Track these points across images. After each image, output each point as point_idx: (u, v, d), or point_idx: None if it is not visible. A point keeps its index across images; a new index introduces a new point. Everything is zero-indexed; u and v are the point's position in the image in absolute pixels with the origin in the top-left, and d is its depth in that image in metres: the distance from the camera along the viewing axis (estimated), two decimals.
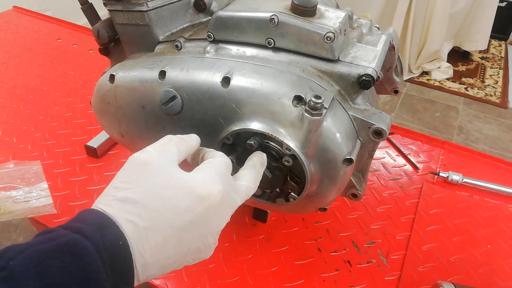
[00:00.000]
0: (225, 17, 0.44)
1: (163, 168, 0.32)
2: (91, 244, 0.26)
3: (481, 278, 0.59)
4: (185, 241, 0.31)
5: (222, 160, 0.36)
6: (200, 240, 0.33)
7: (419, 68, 2.60)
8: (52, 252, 0.25)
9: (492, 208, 0.70)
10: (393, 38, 0.49)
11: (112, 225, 0.28)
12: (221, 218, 0.34)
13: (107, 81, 0.50)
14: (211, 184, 0.33)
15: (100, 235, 0.27)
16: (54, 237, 0.26)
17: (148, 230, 0.29)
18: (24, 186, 0.69)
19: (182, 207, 0.31)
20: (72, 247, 0.25)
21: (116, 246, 0.27)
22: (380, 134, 0.42)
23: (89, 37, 1.20)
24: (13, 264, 0.23)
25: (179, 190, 0.31)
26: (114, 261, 0.26)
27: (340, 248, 0.62)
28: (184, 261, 0.33)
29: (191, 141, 0.38)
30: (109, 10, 0.49)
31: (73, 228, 0.27)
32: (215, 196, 0.32)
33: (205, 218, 0.32)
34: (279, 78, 0.42)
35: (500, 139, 2.10)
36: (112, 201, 0.30)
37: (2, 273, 0.23)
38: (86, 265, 0.25)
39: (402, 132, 0.87)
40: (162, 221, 0.30)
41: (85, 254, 0.25)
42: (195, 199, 0.31)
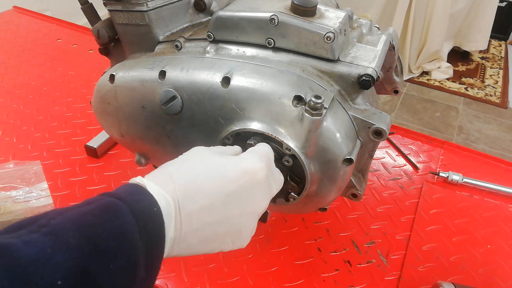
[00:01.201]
0: (225, 17, 0.44)
1: (219, 151, 0.37)
2: (126, 207, 0.27)
3: (481, 278, 0.59)
4: (231, 213, 0.33)
5: (265, 148, 0.39)
6: (243, 219, 0.35)
7: (419, 68, 2.60)
8: (90, 211, 0.26)
9: (492, 208, 0.70)
10: (393, 38, 0.49)
11: (146, 193, 0.29)
12: (261, 198, 0.36)
13: (107, 81, 0.50)
14: (255, 161, 0.36)
15: (134, 200, 0.28)
16: (92, 201, 0.28)
17: (197, 191, 0.31)
18: (24, 186, 0.69)
19: (228, 176, 0.33)
20: (109, 208, 0.27)
21: (151, 211, 0.28)
22: (380, 134, 0.42)
23: (89, 37, 1.20)
24: (54, 222, 0.25)
25: (227, 163, 0.34)
26: (147, 225, 0.27)
27: (340, 248, 0.62)
28: (224, 240, 0.34)
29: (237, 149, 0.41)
30: (109, 10, 0.49)
31: (109, 194, 0.29)
32: (258, 171, 0.35)
33: (249, 191, 0.34)
34: (279, 78, 0.42)
35: (500, 139, 2.10)
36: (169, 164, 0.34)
37: (44, 229, 0.24)
38: (122, 224, 0.26)
39: (402, 132, 0.87)
40: (211, 184, 0.32)
41: (121, 215, 0.27)
42: (240, 171, 0.34)
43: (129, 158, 0.78)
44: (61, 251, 0.23)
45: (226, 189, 0.33)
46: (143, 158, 0.57)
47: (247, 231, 0.36)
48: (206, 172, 0.33)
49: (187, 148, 0.49)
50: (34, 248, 0.23)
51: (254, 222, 0.36)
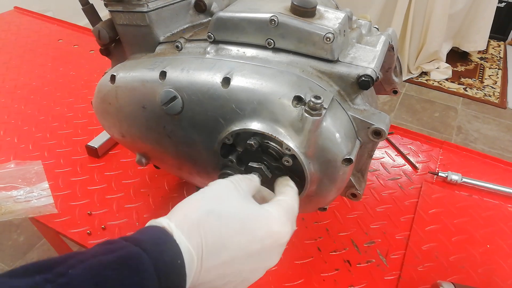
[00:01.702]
0: (225, 18, 0.45)
1: (243, 196, 0.35)
2: (149, 259, 0.26)
3: (481, 278, 0.59)
4: (245, 268, 0.33)
5: (293, 201, 0.38)
6: (254, 273, 0.35)
7: (418, 69, 2.61)
8: (111, 264, 0.25)
9: (491, 208, 0.70)
10: (392, 39, 0.49)
11: (172, 242, 0.28)
12: (278, 256, 0.36)
13: (108, 81, 0.50)
14: (284, 224, 0.35)
15: (159, 251, 0.27)
16: (114, 249, 0.26)
17: (222, 247, 0.31)
18: (25, 186, 0.69)
19: (256, 235, 0.33)
20: (131, 260, 0.26)
21: (174, 264, 0.27)
22: (379, 134, 0.43)
23: (90, 38, 1.21)
24: (72, 272, 0.24)
25: (257, 220, 0.33)
26: (168, 279, 0.27)
27: (339, 248, 0.63)
28: (230, 286, 0.34)
29: (255, 181, 0.40)
30: (110, 11, 0.49)
31: (133, 240, 0.27)
32: (285, 236, 0.35)
33: (269, 252, 0.34)
34: (279, 78, 0.42)
35: (499, 139, 2.10)
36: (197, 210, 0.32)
37: (61, 279, 0.23)
38: (143, 280, 0.25)
39: (401, 132, 0.87)
40: (236, 242, 0.32)
41: (142, 270, 0.25)
42: (269, 232, 0.33)
43: (130, 158, 0.78)
44: None
45: (251, 248, 0.32)
46: (143, 158, 0.57)
47: (252, 281, 0.36)
48: (234, 226, 0.32)
49: (188, 148, 0.49)
50: None
51: (262, 274, 0.36)
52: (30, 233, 1.46)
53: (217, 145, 0.46)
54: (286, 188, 0.40)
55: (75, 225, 0.65)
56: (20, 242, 1.44)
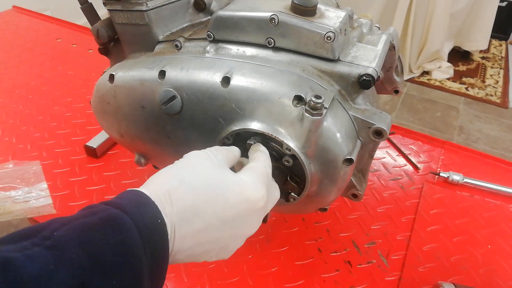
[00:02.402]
0: (225, 17, 0.44)
1: (218, 165, 0.35)
2: (130, 220, 0.27)
3: (482, 279, 0.59)
4: (222, 235, 0.33)
5: (265, 167, 0.38)
6: (233, 240, 0.35)
7: (420, 68, 2.60)
8: (94, 225, 0.26)
9: (492, 208, 0.70)
10: (394, 38, 0.49)
11: (151, 204, 0.29)
12: (256, 223, 0.37)
13: (107, 81, 0.50)
14: (258, 189, 0.35)
15: (139, 212, 0.28)
16: (96, 212, 0.27)
17: (195, 214, 0.31)
18: (24, 186, 0.69)
19: (230, 202, 0.33)
20: (113, 221, 0.26)
21: (155, 224, 0.28)
22: (380, 134, 0.42)
23: (89, 37, 1.20)
24: (57, 234, 0.25)
25: (231, 187, 0.34)
26: (151, 238, 0.27)
27: (340, 249, 0.62)
28: (209, 255, 0.34)
29: (235, 152, 0.41)
30: (109, 9, 0.49)
31: (114, 204, 0.28)
32: (259, 201, 0.35)
33: (245, 218, 0.34)
34: (279, 78, 0.41)
35: (500, 139, 2.10)
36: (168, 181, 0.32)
37: (47, 242, 0.24)
38: (126, 239, 0.26)
39: (403, 132, 0.87)
40: (210, 209, 0.32)
41: (125, 229, 0.26)
42: (243, 198, 0.34)
43: (128, 158, 0.78)
44: (64, 267, 0.23)
45: (224, 215, 0.33)
46: (142, 158, 0.57)
47: (233, 249, 0.36)
48: (206, 195, 0.32)
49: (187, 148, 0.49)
50: (37, 264, 0.23)
51: (242, 241, 0.37)
52: None
53: (217, 145, 0.45)
54: (257, 153, 0.40)
55: None
56: None
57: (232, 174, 0.35)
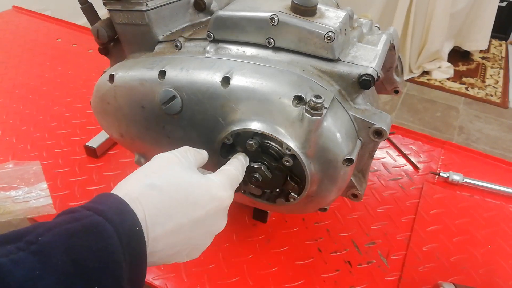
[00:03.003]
0: (225, 17, 0.44)
1: (186, 167, 0.36)
2: (111, 227, 0.28)
3: (482, 279, 0.59)
4: (193, 235, 0.34)
5: (236, 170, 0.40)
6: (202, 238, 0.36)
7: (420, 68, 2.60)
8: (77, 231, 0.27)
9: (492, 208, 0.70)
10: (394, 38, 0.49)
11: (130, 212, 0.30)
12: (224, 220, 0.38)
13: (107, 81, 0.50)
14: (225, 189, 0.37)
15: (119, 219, 0.29)
16: (79, 218, 0.28)
17: (166, 217, 0.32)
18: (24, 186, 0.69)
19: (199, 202, 0.34)
20: (95, 229, 0.27)
21: (133, 231, 0.29)
22: (380, 134, 0.42)
23: (89, 37, 1.20)
24: (42, 240, 0.25)
25: (199, 188, 0.35)
26: (130, 245, 0.28)
27: (340, 249, 0.62)
28: (180, 256, 0.35)
29: (204, 155, 0.42)
30: (109, 9, 0.49)
31: (96, 210, 0.29)
32: (226, 200, 0.36)
33: (214, 217, 0.36)
34: (279, 78, 0.41)
35: (500, 139, 2.10)
36: (137, 186, 0.33)
37: (32, 247, 0.25)
38: (108, 245, 0.27)
39: (403, 132, 0.87)
40: (180, 211, 0.33)
41: (107, 236, 0.27)
42: (211, 198, 0.35)
43: (128, 158, 0.78)
44: (49, 273, 0.24)
45: (194, 215, 0.34)
46: (142, 158, 0.57)
47: (203, 248, 0.37)
48: (176, 197, 0.33)
49: None
50: (23, 269, 0.23)
51: (211, 239, 0.38)
52: None
53: (217, 145, 0.45)
54: (233, 159, 0.42)
55: None
56: None
57: (200, 175, 0.36)
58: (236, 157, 0.43)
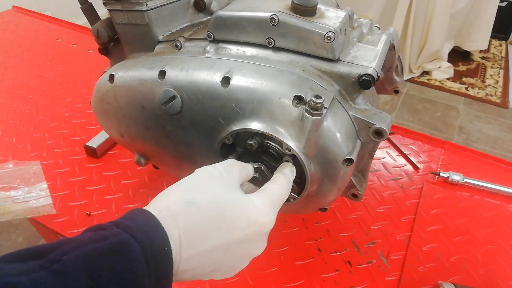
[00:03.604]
0: (225, 17, 0.44)
1: (228, 185, 0.35)
2: (139, 248, 0.27)
3: (482, 279, 0.59)
4: (228, 257, 0.33)
5: (281, 189, 0.38)
6: (239, 261, 0.35)
7: (420, 68, 2.60)
8: (103, 251, 0.26)
9: (492, 208, 0.70)
10: (394, 38, 0.49)
11: (160, 231, 0.29)
12: (263, 244, 0.36)
13: (107, 81, 0.50)
14: (267, 213, 0.34)
15: (148, 239, 0.28)
16: (107, 236, 0.27)
17: (202, 237, 0.31)
18: (24, 186, 0.69)
19: (237, 225, 0.32)
20: (122, 248, 0.26)
21: (162, 252, 0.28)
22: (380, 134, 0.42)
23: (89, 37, 1.20)
24: (66, 259, 0.25)
25: (238, 210, 0.33)
26: (157, 267, 0.28)
27: (340, 249, 0.62)
28: (214, 274, 0.34)
29: (250, 171, 0.40)
30: (109, 9, 0.49)
31: (125, 227, 0.28)
32: (267, 225, 0.34)
33: (252, 241, 0.34)
34: (279, 78, 0.41)
35: (500, 139, 2.10)
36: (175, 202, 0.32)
37: (55, 266, 0.24)
38: (133, 268, 0.26)
39: (403, 132, 0.87)
40: (216, 232, 0.32)
41: (134, 257, 0.26)
42: (251, 222, 0.33)
43: (128, 158, 0.78)
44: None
45: (231, 238, 0.32)
46: (142, 158, 0.57)
47: (238, 269, 0.36)
48: (214, 217, 0.32)
49: (187, 148, 0.49)
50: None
51: (248, 262, 0.36)
52: (29, 233, 1.46)
53: (217, 145, 0.45)
54: (277, 174, 0.40)
55: (74, 225, 0.64)
56: (19, 243, 1.44)
57: (242, 196, 0.34)
58: (281, 171, 0.40)
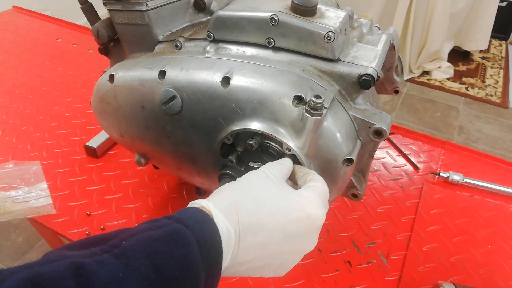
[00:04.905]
0: (225, 17, 0.44)
1: (277, 183, 0.36)
2: (192, 235, 0.28)
3: (482, 279, 0.59)
4: (283, 250, 0.34)
5: (324, 187, 0.39)
6: (292, 255, 0.35)
7: (420, 68, 2.60)
8: (159, 237, 0.27)
9: (492, 208, 0.70)
10: (394, 38, 0.49)
11: (210, 221, 0.30)
12: (315, 239, 0.37)
13: (107, 81, 0.50)
14: (318, 207, 0.35)
15: (200, 229, 0.29)
16: (161, 225, 0.28)
17: (259, 226, 0.32)
18: (24, 186, 0.69)
19: (292, 216, 0.33)
20: (177, 235, 0.28)
21: (213, 241, 0.29)
22: (380, 134, 0.42)
23: (89, 37, 1.20)
24: (126, 244, 0.26)
25: (292, 203, 0.34)
26: (209, 254, 0.29)
27: (340, 249, 0.62)
28: (267, 270, 0.35)
29: (288, 164, 0.40)
30: (109, 9, 0.49)
31: (176, 219, 0.29)
32: (319, 219, 0.35)
33: (305, 235, 0.35)
34: (279, 78, 0.41)
35: (500, 139, 2.10)
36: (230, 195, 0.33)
37: (116, 250, 0.26)
38: (188, 253, 0.27)
39: (403, 132, 0.87)
40: (272, 221, 0.33)
41: (187, 243, 0.28)
42: (304, 215, 0.34)
43: (128, 158, 0.78)
44: (132, 277, 0.24)
45: (287, 229, 0.33)
46: (142, 158, 0.57)
47: (291, 265, 0.37)
48: (270, 208, 0.33)
49: (187, 148, 0.49)
50: (107, 271, 0.24)
51: (300, 258, 0.37)
52: (29, 233, 1.46)
53: (217, 145, 0.45)
54: (314, 175, 0.40)
55: (74, 225, 0.64)
56: (19, 243, 1.44)
57: (293, 190, 0.36)
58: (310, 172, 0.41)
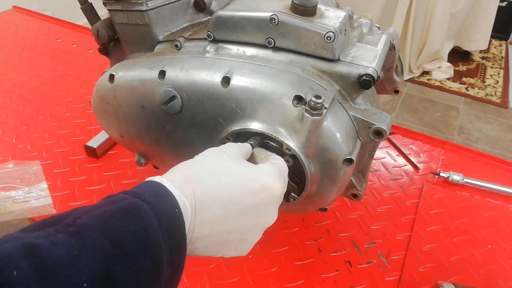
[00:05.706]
0: (225, 17, 0.44)
1: (234, 158, 0.36)
2: (149, 208, 0.27)
3: (482, 279, 0.59)
4: (241, 224, 0.34)
5: (284, 164, 0.39)
6: (251, 231, 0.35)
7: (420, 68, 2.60)
8: (114, 213, 0.27)
9: (492, 208, 0.70)
10: (394, 38, 0.49)
11: (168, 194, 0.30)
12: (273, 213, 0.37)
13: (107, 81, 0.50)
14: (276, 178, 0.35)
15: (157, 202, 0.28)
16: (116, 201, 0.28)
17: (215, 199, 0.32)
18: (24, 186, 0.69)
19: (248, 188, 0.33)
20: (133, 210, 0.27)
21: (172, 213, 0.29)
22: (380, 134, 0.42)
23: (89, 37, 1.20)
24: (80, 221, 0.26)
25: (248, 174, 0.34)
26: (169, 226, 0.28)
27: (340, 249, 0.62)
28: (228, 247, 0.35)
29: (247, 147, 0.41)
30: (109, 9, 0.49)
31: (133, 193, 0.29)
32: (278, 189, 0.35)
33: (263, 207, 0.35)
34: (279, 78, 0.41)
35: (500, 139, 2.10)
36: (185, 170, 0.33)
37: (70, 229, 0.25)
38: (146, 226, 0.27)
39: (403, 132, 0.87)
40: (229, 194, 0.32)
41: (145, 217, 0.27)
42: (261, 186, 0.34)
43: (128, 158, 0.78)
44: (87, 252, 0.24)
45: (244, 201, 0.33)
46: (142, 158, 0.57)
47: (252, 242, 0.36)
48: (226, 180, 0.33)
49: (187, 148, 0.49)
50: (61, 249, 0.23)
51: (260, 234, 0.37)
52: None
53: (217, 145, 0.45)
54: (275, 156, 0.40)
55: None
56: None
57: (250, 164, 0.36)
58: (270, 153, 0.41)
